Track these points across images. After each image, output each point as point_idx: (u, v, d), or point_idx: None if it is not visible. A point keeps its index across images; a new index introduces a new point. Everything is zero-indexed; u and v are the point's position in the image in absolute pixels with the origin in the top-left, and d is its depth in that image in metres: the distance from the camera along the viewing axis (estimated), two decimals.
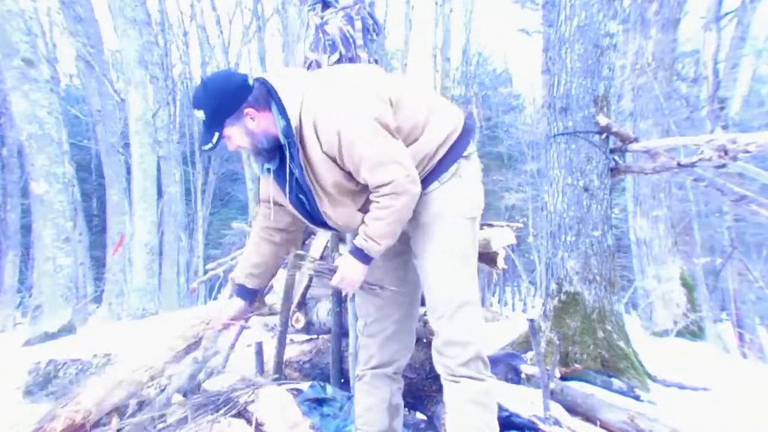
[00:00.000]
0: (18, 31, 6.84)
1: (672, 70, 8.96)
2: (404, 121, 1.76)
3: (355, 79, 1.78)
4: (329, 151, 1.68)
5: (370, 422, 2.01)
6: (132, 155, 9.63)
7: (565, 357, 4.16)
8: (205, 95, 1.69)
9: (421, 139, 1.78)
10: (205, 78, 1.76)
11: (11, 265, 12.61)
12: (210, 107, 1.68)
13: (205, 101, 1.69)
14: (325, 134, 1.66)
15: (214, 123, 1.69)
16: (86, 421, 2.10)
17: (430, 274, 1.82)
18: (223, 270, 5.51)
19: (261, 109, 1.72)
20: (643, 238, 8.26)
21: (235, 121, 1.70)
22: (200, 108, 1.69)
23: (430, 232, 1.82)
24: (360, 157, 1.66)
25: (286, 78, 1.77)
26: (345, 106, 1.68)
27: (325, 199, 1.76)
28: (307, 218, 1.89)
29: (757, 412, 3.60)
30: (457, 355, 1.78)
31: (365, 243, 1.75)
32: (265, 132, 1.74)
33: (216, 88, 1.70)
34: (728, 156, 3.89)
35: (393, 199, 1.69)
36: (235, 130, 1.72)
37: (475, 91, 19.60)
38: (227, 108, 1.69)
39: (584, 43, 4.53)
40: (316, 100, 1.69)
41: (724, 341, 9.05)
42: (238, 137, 1.74)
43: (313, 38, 2.87)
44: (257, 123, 1.72)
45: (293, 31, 7.56)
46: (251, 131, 1.73)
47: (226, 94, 1.69)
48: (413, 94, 1.82)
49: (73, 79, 21.22)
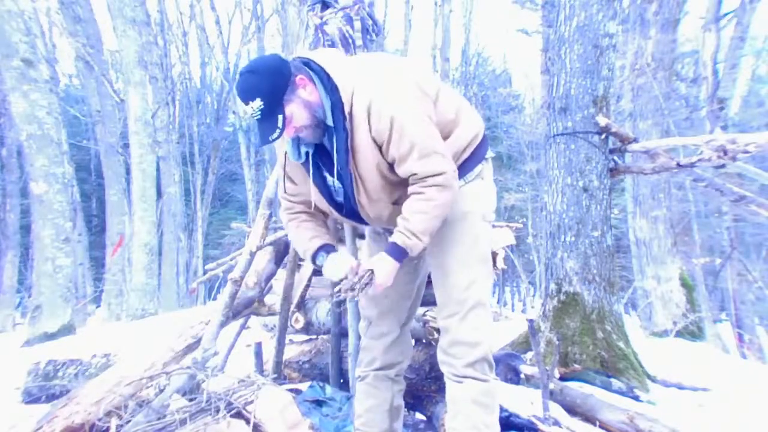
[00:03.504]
0: (17, 32, 6.83)
1: (671, 71, 8.97)
2: (440, 116, 1.76)
3: (406, 70, 1.76)
4: (378, 137, 1.65)
5: (370, 423, 2.01)
6: (131, 155, 9.62)
7: (564, 357, 4.16)
8: (257, 79, 1.61)
9: (452, 137, 1.79)
10: (243, 69, 1.67)
11: (11, 266, 12.60)
12: (265, 89, 1.60)
13: (257, 85, 1.60)
14: (377, 119, 1.63)
15: (275, 104, 1.61)
16: (85, 421, 2.10)
17: (448, 272, 1.82)
18: (223, 270, 5.49)
19: (307, 78, 1.67)
20: (643, 238, 8.26)
21: (291, 95, 1.64)
22: (254, 96, 1.60)
23: (453, 229, 1.82)
24: (411, 144, 1.63)
25: (332, 59, 1.73)
26: (400, 94, 1.66)
27: (362, 188, 1.72)
28: (333, 206, 1.83)
29: (757, 412, 3.60)
30: (464, 355, 1.78)
31: (409, 241, 1.68)
32: (318, 102, 1.68)
33: (263, 68, 1.63)
34: (727, 156, 3.89)
35: (439, 191, 1.66)
36: (294, 106, 1.65)
37: (475, 92, 19.61)
38: (282, 83, 1.62)
39: (584, 44, 4.53)
40: (372, 84, 1.66)
41: (723, 341, 9.06)
42: (299, 113, 1.65)
43: (312, 38, 2.88)
44: (309, 91, 1.67)
45: (293, 32, 7.57)
46: (308, 101, 1.67)
47: (275, 68, 1.62)
48: (446, 92, 1.82)
49: (73, 79, 21.23)
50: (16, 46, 6.81)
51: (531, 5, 14.57)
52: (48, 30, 14.11)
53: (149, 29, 11.96)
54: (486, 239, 1.88)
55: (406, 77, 1.72)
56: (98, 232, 17.35)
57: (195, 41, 20.28)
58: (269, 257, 3.10)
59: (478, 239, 1.84)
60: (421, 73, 1.79)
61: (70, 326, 6.89)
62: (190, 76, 19.75)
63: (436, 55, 17.24)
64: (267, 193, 2.83)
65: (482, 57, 24.44)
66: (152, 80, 11.43)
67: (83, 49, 11.21)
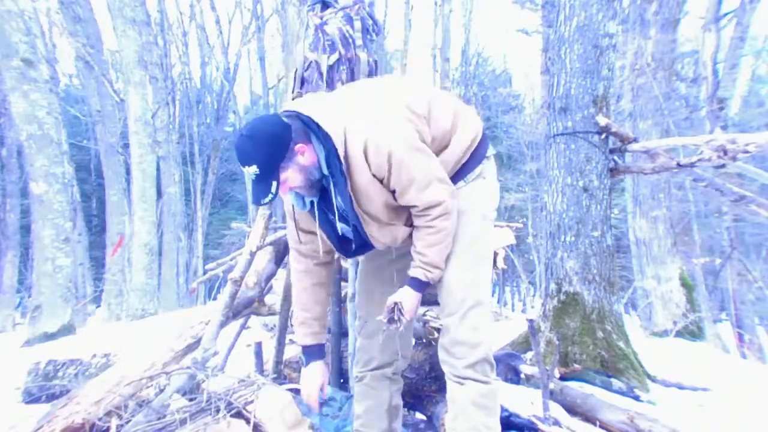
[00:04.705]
0: (17, 32, 6.84)
1: (671, 71, 8.97)
2: (436, 131, 1.77)
3: (393, 97, 1.77)
4: (378, 174, 1.67)
5: (369, 424, 2.01)
6: (131, 155, 9.62)
7: (564, 357, 4.16)
8: (255, 147, 1.61)
9: (451, 145, 1.80)
10: (244, 131, 1.65)
11: (11, 266, 12.60)
12: (262, 157, 1.61)
13: (255, 154, 1.61)
14: (375, 156, 1.64)
15: (270, 172, 1.63)
16: (85, 421, 2.10)
17: (447, 271, 1.82)
18: (223, 270, 5.50)
19: (306, 142, 1.68)
20: (643, 238, 8.26)
21: (288, 162, 1.65)
22: (252, 163, 1.61)
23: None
24: (409, 179, 1.66)
25: (318, 105, 1.73)
26: (393, 127, 1.67)
27: (372, 223, 1.76)
28: (340, 248, 1.88)
29: (757, 412, 3.60)
30: (465, 355, 1.78)
31: (431, 274, 1.76)
32: (313, 164, 1.70)
33: (262, 136, 1.62)
34: (727, 156, 3.89)
35: (445, 220, 1.72)
36: (289, 172, 1.67)
37: (475, 92, 19.62)
38: (280, 152, 1.63)
39: (584, 44, 4.53)
40: (362, 123, 1.67)
41: (723, 341, 9.06)
42: (293, 177, 1.68)
43: (312, 38, 2.87)
44: (306, 157, 1.68)
45: (292, 32, 7.56)
46: (304, 166, 1.68)
47: (274, 137, 1.63)
48: (439, 103, 1.82)
49: (73, 79, 21.23)
50: (16, 46, 6.82)
51: (531, 5, 14.57)
52: (48, 30, 14.11)
53: (149, 29, 11.95)
54: (486, 238, 1.89)
55: (394, 104, 1.73)
56: (98, 232, 17.35)
57: (195, 41, 20.31)
58: (269, 257, 3.10)
59: (478, 239, 1.84)
60: (409, 92, 1.80)
61: (70, 326, 6.89)
62: (190, 76, 19.74)
63: (436, 55, 17.23)
64: None
65: (482, 57, 24.43)
66: (152, 80, 11.42)
67: (83, 49, 11.21)
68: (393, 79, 2.13)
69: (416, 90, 1.83)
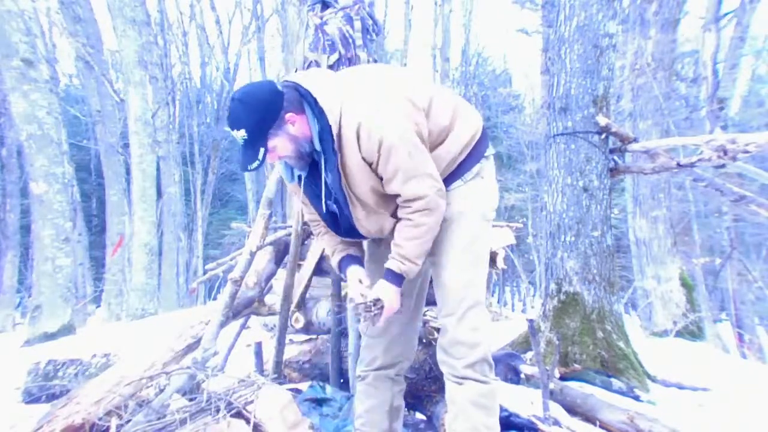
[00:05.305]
0: (17, 32, 6.83)
1: (671, 71, 8.97)
2: (433, 125, 1.77)
3: (395, 85, 1.76)
4: (367, 157, 1.67)
5: (370, 423, 2.01)
6: (131, 155, 9.62)
7: (564, 357, 4.16)
8: (245, 111, 1.61)
9: (448, 141, 1.79)
10: (235, 95, 1.66)
11: (11, 266, 12.60)
12: (252, 122, 1.61)
13: (245, 118, 1.61)
14: (366, 140, 1.63)
15: (259, 138, 1.63)
16: (85, 421, 2.10)
17: (445, 271, 1.82)
18: (223, 270, 5.49)
19: (298, 113, 1.68)
20: (643, 238, 8.26)
21: (278, 130, 1.66)
22: (240, 127, 1.61)
23: (450, 229, 1.82)
24: (395, 169, 1.65)
25: (318, 81, 1.73)
26: (389, 115, 1.66)
27: (358, 206, 1.75)
28: (332, 226, 1.88)
29: (757, 412, 3.60)
30: (464, 355, 1.78)
31: (404, 266, 1.75)
32: (304, 135, 1.70)
33: (253, 101, 1.62)
34: (727, 156, 3.89)
35: (426, 216, 1.70)
36: (278, 140, 1.67)
37: (475, 92, 19.61)
38: (270, 118, 1.63)
39: (584, 44, 4.54)
40: (360, 105, 1.66)
41: (723, 341, 9.06)
42: (282, 146, 1.68)
43: (312, 38, 2.88)
44: (297, 127, 1.68)
45: (293, 32, 7.55)
46: (294, 136, 1.69)
47: (265, 103, 1.63)
48: (440, 98, 1.81)
49: (73, 79, 21.21)
50: (16, 46, 6.81)
51: (531, 5, 14.58)
52: (48, 30, 14.10)
53: (149, 29, 11.96)
54: (484, 239, 1.88)
55: (395, 94, 1.72)
56: (98, 232, 17.35)
57: (195, 41, 20.30)
58: (269, 257, 3.10)
59: (476, 239, 1.84)
60: (411, 84, 1.79)
61: (70, 326, 6.89)
62: (190, 76, 19.75)
63: (436, 55, 17.24)
64: (267, 193, 2.83)
65: (482, 57, 24.44)
66: (152, 80, 11.43)
67: (83, 49, 11.21)
68: (398, 69, 2.10)
69: (419, 83, 1.83)
